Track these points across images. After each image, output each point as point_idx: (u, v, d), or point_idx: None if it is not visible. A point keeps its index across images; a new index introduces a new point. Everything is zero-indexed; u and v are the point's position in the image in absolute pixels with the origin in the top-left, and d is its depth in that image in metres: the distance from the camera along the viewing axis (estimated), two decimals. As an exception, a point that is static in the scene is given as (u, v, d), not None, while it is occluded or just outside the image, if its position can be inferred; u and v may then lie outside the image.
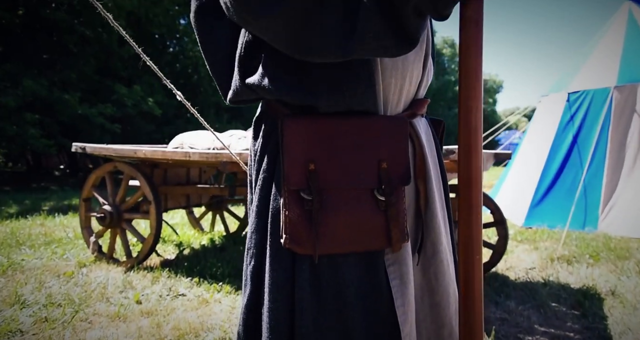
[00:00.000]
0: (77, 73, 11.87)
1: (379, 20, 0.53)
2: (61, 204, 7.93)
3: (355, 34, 0.54)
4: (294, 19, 0.55)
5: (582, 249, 3.75)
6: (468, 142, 0.54)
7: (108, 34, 12.28)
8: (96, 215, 3.01)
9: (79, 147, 3.16)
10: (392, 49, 0.56)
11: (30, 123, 10.17)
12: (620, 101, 4.81)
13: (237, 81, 0.73)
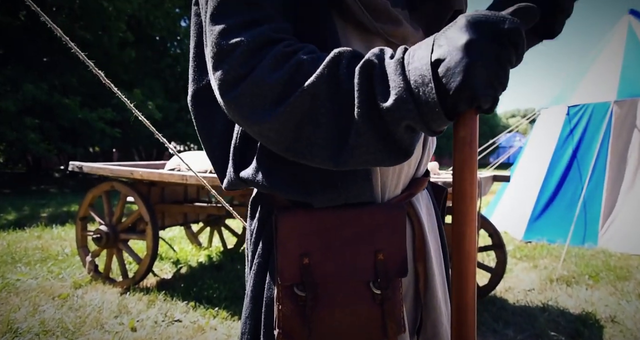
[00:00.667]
0: (77, 77, 11.86)
1: (371, 136, 0.52)
2: (60, 211, 7.92)
3: (347, 148, 0.53)
4: (286, 129, 0.54)
5: (582, 268, 3.72)
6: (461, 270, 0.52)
7: (109, 38, 12.26)
8: (92, 236, 2.99)
9: (75, 166, 3.14)
10: (386, 161, 0.54)
11: (30, 127, 10.17)
12: (620, 116, 4.79)
13: (231, 173, 0.72)
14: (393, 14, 0.66)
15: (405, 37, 0.70)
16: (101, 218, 3.08)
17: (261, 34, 0.55)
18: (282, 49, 0.55)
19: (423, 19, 0.75)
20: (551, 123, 5.48)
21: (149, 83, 14.92)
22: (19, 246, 4.16)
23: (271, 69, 0.54)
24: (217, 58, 0.56)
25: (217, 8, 0.58)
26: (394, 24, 0.67)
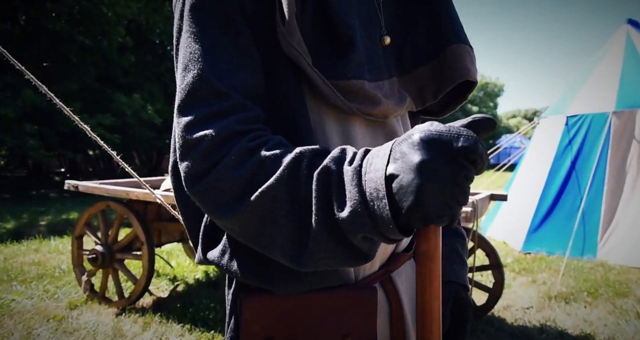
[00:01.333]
0: (77, 82, 11.86)
1: (328, 242, 0.50)
2: (59, 219, 7.91)
3: (307, 251, 0.52)
4: (248, 226, 0.54)
5: (581, 283, 3.70)
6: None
7: (108, 43, 12.26)
8: (88, 257, 2.97)
9: (71, 186, 3.14)
10: (346, 265, 0.53)
11: (30, 134, 10.16)
12: (619, 127, 4.77)
13: (200, 251, 0.70)
14: (370, 94, 0.64)
15: (386, 114, 0.68)
16: (97, 237, 3.07)
17: (226, 127, 0.55)
18: (246, 144, 0.54)
19: (416, 82, 0.73)
20: (550, 133, 5.47)
21: (148, 87, 14.92)
22: (15, 261, 4.15)
23: (233, 166, 0.53)
24: (183, 151, 0.56)
25: (185, 99, 0.58)
26: (372, 103, 0.64)
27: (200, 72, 0.57)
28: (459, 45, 0.71)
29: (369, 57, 0.66)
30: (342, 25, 0.62)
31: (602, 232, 4.65)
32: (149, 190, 1.63)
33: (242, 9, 0.60)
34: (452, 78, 0.70)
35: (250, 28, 0.61)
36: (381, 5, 0.71)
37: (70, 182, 3.14)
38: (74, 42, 11.42)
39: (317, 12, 0.63)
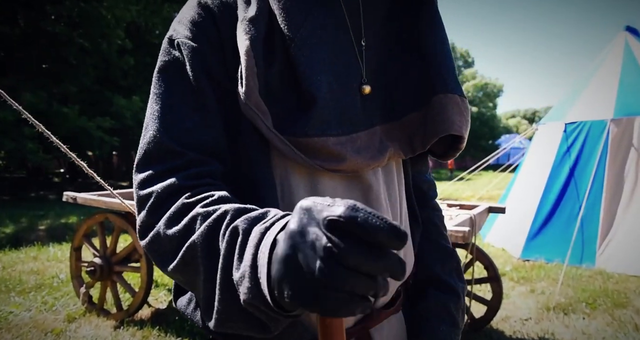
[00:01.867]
0: (76, 85, 11.85)
1: (231, 306, 0.48)
2: (58, 223, 7.91)
3: (216, 313, 0.51)
4: (183, 280, 0.56)
5: (579, 293, 3.71)
6: None
7: (108, 45, 12.24)
8: (86, 269, 2.97)
9: (70, 197, 3.13)
10: (251, 332, 0.50)
11: (29, 137, 10.16)
12: (617, 134, 4.78)
13: (172, 297, 0.71)
14: (334, 152, 0.61)
15: (356, 169, 0.64)
16: (95, 249, 3.07)
17: (172, 183, 0.57)
18: (185, 201, 0.55)
19: (406, 129, 0.69)
20: (549, 139, 5.47)
21: (148, 89, 14.86)
22: (14, 269, 4.15)
23: (171, 222, 0.55)
24: (137, 206, 0.59)
25: (141, 158, 0.61)
26: (336, 161, 0.62)
27: (155, 132, 0.60)
28: (445, 95, 0.67)
29: (342, 109, 0.63)
30: (306, 82, 0.60)
31: (600, 240, 4.65)
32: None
33: (207, 70, 0.62)
34: (435, 130, 0.67)
35: (216, 88, 0.63)
36: (363, 52, 0.68)
37: (68, 194, 3.14)
38: (74, 44, 11.42)
39: (285, 65, 0.62)
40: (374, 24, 0.70)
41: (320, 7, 0.65)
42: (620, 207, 4.67)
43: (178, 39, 0.63)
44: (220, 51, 0.63)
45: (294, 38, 0.61)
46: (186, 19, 0.65)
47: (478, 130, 34.06)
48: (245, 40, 0.60)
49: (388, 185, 0.72)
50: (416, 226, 0.82)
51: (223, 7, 0.65)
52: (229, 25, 0.64)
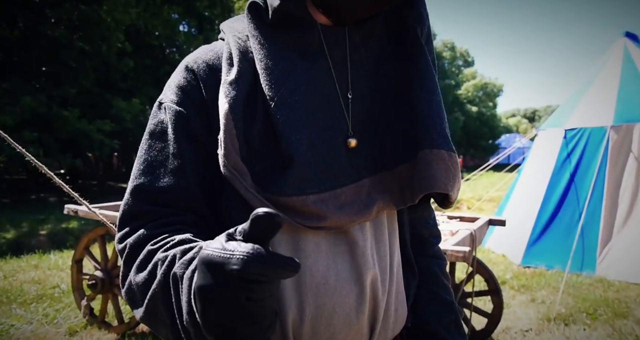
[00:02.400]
0: (76, 87, 11.84)
1: None
2: (59, 228, 7.92)
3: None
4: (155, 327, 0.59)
5: (580, 302, 3.71)
6: None
7: (107, 47, 12.23)
8: (88, 282, 2.98)
9: (71, 210, 3.13)
10: None
11: (29, 141, 10.14)
12: (617, 141, 4.78)
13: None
14: (313, 210, 0.62)
15: (339, 226, 0.64)
16: (96, 261, 3.07)
17: (143, 233, 0.61)
18: (149, 248, 0.59)
19: (398, 179, 0.68)
20: (549, 145, 5.47)
21: (147, 91, 14.91)
22: (15, 279, 4.16)
23: (137, 270, 0.59)
24: (121, 258, 0.64)
25: (121, 216, 0.65)
26: (317, 219, 0.62)
27: (132, 195, 0.64)
28: (430, 151, 0.66)
29: (325, 165, 0.64)
30: (285, 142, 0.61)
31: (600, 247, 4.65)
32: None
33: (190, 132, 0.65)
34: (421, 186, 0.66)
35: (199, 149, 0.65)
36: (350, 105, 0.68)
37: (69, 206, 3.14)
38: (73, 47, 11.40)
39: (266, 125, 0.63)
40: (361, 75, 0.69)
41: (306, 60, 0.65)
42: (620, 214, 4.67)
43: (165, 103, 0.67)
44: (204, 114, 0.66)
45: (274, 97, 0.62)
46: (174, 83, 0.68)
47: (478, 130, 34.01)
48: (225, 104, 0.61)
49: (377, 239, 0.71)
50: (412, 277, 0.81)
51: (208, 70, 0.67)
52: (213, 88, 0.66)
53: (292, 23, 0.65)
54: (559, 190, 5.08)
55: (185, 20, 17.44)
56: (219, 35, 0.75)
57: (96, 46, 11.87)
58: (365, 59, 0.70)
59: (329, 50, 0.67)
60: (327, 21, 0.68)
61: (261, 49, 0.64)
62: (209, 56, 0.69)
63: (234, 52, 0.65)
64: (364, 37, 0.70)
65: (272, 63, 0.63)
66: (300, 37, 0.66)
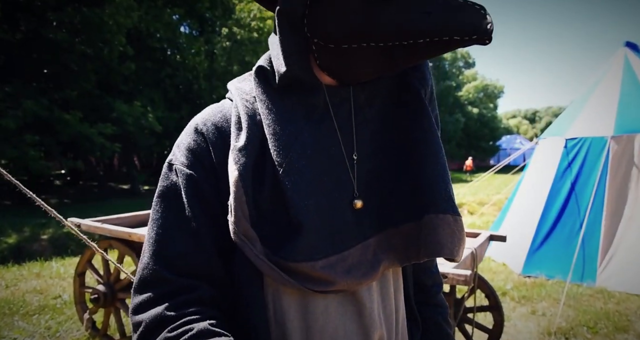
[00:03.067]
0: (77, 90, 11.86)
1: None
2: (60, 233, 7.93)
3: None
4: None
5: (580, 315, 3.72)
6: None
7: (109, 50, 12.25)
8: (90, 296, 2.99)
9: (74, 224, 3.14)
10: None
11: (31, 144, 10.18)
12: (618, 151, 4.79)
13: None
14: (322, 276, 0.62)
15: (347, 289, 0.65)
16: (99, 275, 3.09)
17: (158, 315, 0.60)
18: (167, 335, 0.59)
19: (402, 237, 0.69)
20: (549, 154, 5.48)
21: (149, 94, 14.95)
22: (17, 288, 4.18)
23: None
24: (132, 329, 0.63)
25: (137, 284, 0.64)
26: (325, 284, 0.63)
27: (149, 259, 0.64)
28: (436, 216, 0.66)
29: (332, 228, 0.64)
30: (293, 209, 0.62)
31: (601, 257, 4.66)
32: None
33: (201, 195, 0.65)
34: (426, 251, 0.67)
35: (209, 212, 0.66)
36: (355, 166, 0.69)
37: (72, 220, 3.15)
38: (75, 50, 11.42)
39: (274, 190, 0.64)
40: (365, 135, 0.70)
41: (312, 123, 0.66)
42: (621, 224, 4.68)
43: (176, 165, 0.67)
44: (213, 177, 0.66)
45: (282, 163, 0.63)
46: (183, 145, 0.68)
47: (479, 132, 34.02)
48: (234, 171, 0.62)
49: (383, 297, 0.73)
50: (415, 329, 0.82)
51: (217, 133, 0.68)
52: (222, 152, 0.67)
53: (298, 85, 0.66)
54: (560, 200, 5.09)
55: (186, 22, 17.48)
56: (227, 95, 0.76)
57: (98, 49, 11.89)
58: (370, 119, 0.71)
59: (334, 111, 0.68)
60: (332, 81, 0.69)
61: (269, 114, 0.65)
62: (217, 118, 0.70)
63: (243, 117, 0.66)
64: (368, 97, 0.71)
65: (280, 128, 0.64)
66: (306, 99, 0.67)
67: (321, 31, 0.63)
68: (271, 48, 0.69)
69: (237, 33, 16.43)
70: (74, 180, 18.04)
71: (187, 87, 16.39)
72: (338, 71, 0.67)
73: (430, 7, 0.58)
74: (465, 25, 0.56)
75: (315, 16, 0.63)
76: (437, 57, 9.67)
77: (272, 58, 0.68)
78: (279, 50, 0.65)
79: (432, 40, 0.58)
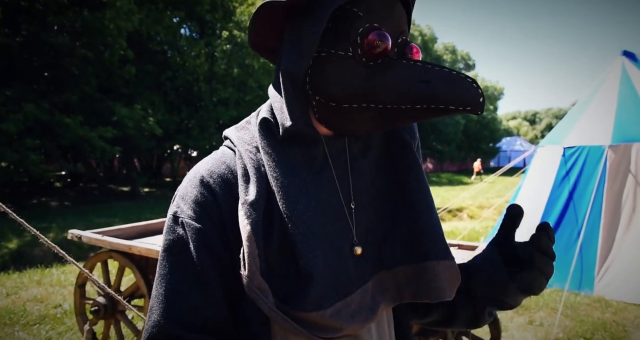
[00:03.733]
0: (78, 93, 11.88)
1: None
2: (61, 237, 7.93)
3: None
4: None
5: (578, 326, 3.74)
6: None
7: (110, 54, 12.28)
8: (90, 308, 3.01)
9: (74, 235, 3.17)
10: None
11: (31, 148, 10.20)
12: (615, 160, 4.82)
13: None
14: (331, 324, 0.65)
15: (352, 333, 0.68)
16: (99, 287, 3.11)
17: None
18: None
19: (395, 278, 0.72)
20: (548, 162, 5.51)
21: (149, 96, 14.97)
22: (18, 297, 4.20)
23: None
24: None
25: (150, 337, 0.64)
26: (333, 331, 0.65)
27: (158, 316, 0.64)
28: (438, 262, 0.70)
29: (337, 276, 0.67)
30: (303, 260, 0.63)
31: (599, 266, 4.69)
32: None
33: (210, 248, 0.66)
34: (428, 295, 0.71)
35: (218, 263, 0.66)
36: (353, 214, 0.71)
37: (73, 232, 3.19)
38: (75, 54, 11.45)
39: (282, 241, 0.66)
40: (361, 184, 0.73)
41: (313, 173, 0.69)
42: (618, 233, 4.71)
43: (182, 218, 0.68)
44: (221, 228, 0.67)
45: (291, 217, 0.64)
46: (189, 198, 0.69)
47: (478, 134, 34.05)
48: (247, 226, 0.63)
49: (380, 335, 0.76)
50: None
51: (224, 185, 0.69)
52: (229, 204, 0.68)
53: (300, 138, 0.69)
54: (558, 208, 5.12)
55: (186, 25, 17.51)
56: (226, 143, 0.78)
57: (98, 53, 11.92)
58: (365, 169, 0.74)
59: (332, 161, 0.72)
60: (328, 132, 0.72)
61: (276, 167, 0.67)
62: (222, 170, 0.71)
63: (250, 170, 0.68)
64: (362, 148, 0.75)
65: (287, 181, 0.66)
66: (308, 150, 0.70)
67: (323, 90, 0.67)
68: (272, 99, 0.72)
69: (237, 36, 16.46)
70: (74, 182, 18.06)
71: (187, 90, 16.40)
72: (336, 125, 0.70)
73: (428, 76, 0.62)
74: (461, 98, 0.60)
75: (318, 76, 0.67)
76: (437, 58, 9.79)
77: (275, 110, 0.71)
78: (283, 104, 0.69)
79: (429, 107, 0.62)
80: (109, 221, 9.22)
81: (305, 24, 0.66)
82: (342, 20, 0.66)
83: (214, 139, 15.68)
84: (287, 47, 0.69)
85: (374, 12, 0.66)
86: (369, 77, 0.64)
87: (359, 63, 0.65)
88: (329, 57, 0.66)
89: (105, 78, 13.04)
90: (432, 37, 34.52)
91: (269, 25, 0.72)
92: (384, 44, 0.64)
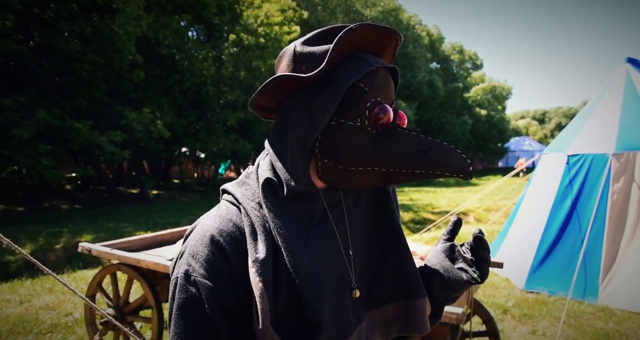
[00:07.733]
0: (88, 98, 12.07)
1: None
2: (72, 243, 8.09)
3: None
4: None
5: (580, 336, 3.76)
6: None
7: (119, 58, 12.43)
8: (100, 320, 3.11)
9: (85, 248, 3.27)
10: None
11: (43, 154, 10.37)
12: (619, 169, 4.82)
13: None
14: None
15: None
16: (109, 298, 3.21)
17: None
18: None
19: (384, 315, 0.81)
20: (551, 170, 5.52)
21: (157, 100, 15.12)
22: (31, 304, 4.32)
23: None
24: None
25: None
26: None
27: None
28: (424, 300, 0.81)
29: (340, 321, 0.73)
30: (311, 311, 0.69)
31: (603, 275, 4.70)
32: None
33: (222, 305, 0.70)
34: (416, 329, 0.81)
35: (230, 319, 0.71)
36: (352, 261, 0.79)
37: (84, 245, 3.28)
38: (86, 60, 11.62)
39: (290, 294, 0.71)
40: (355, 232, 0.81)
41: (315, 226, 0.75)
42: (623, 241, 4.71)
43: (195, 277, 0.71)
44: (232, 284, 0.71)
45: (298, 271, 0.70)
46: (200, 257, 0.71)
47: (487, 133, 33.81)
48: (259, 283, 0.68)
49: None
50: None
51: (233, 243, 0.73)
52: (238, 261, 0.72)
53: (301, 195, 0.76)
54: (562, 216, 5.13)
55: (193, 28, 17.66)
56: (227, 198, 0.82)
57: (108, 58, 12.09)
58: (358, 218, 0.83)
59: (330, 213, 0.78)
60: (323, 185, 0.80)
61: (282, 225, 0.73)
62: (229, 228, 0.75)
63: (258, 228, 0.73)
64: (354, 199, 0.83)
65: (292, 237, 0.72)
66: (309, 205, 0.76)
67: (332, 155, 0.75)
68: (273, 158, 0.78)
69: (244, 39, 16.56)
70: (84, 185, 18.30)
71: (195, 93, 16.53)
72: (338, 183, 0.78)
73: (424, 146, 0.72)
74: (455, 166, 0.71)
75: (328, 142, 0.75)
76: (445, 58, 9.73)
77: (277, 170, 0.76)
78: (290, 166, 0.75)
79: (427, 172, 0.72)
80: (118, 226, 9.36)
81: (319, 96, 0.73)
82: (350, 94, 0.74)
83: (222, 142, 15.79)
84: (299, 114, 0.75)
85: (376, 87, 0.75)
86: (375, 144, 0.73)
87: (365, 132, 0.74)
88: (339, 126, 0.74)
89: (115, 83, 13.22)
90: (440, 37, 34.37)
91: (277, 89, 0.77)
92: (387, 116, 0.74)
